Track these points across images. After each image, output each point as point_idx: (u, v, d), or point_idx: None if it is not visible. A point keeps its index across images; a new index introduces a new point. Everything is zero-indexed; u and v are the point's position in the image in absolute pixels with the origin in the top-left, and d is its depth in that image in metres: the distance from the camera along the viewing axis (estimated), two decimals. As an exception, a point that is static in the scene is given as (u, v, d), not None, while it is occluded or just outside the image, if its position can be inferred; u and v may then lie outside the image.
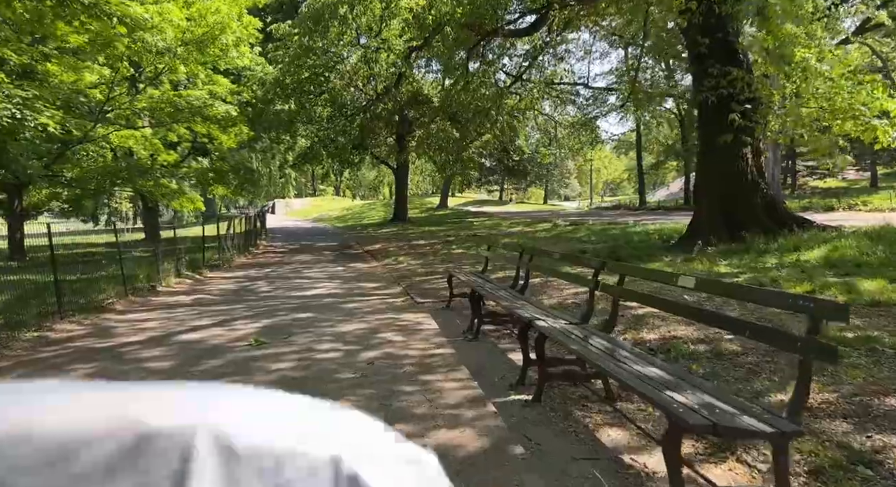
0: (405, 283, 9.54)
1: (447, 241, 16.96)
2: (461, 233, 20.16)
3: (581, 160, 39.84)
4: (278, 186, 49.46)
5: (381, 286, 9.59)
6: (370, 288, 9.29)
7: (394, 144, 27.49)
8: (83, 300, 7.71)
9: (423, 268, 11.47)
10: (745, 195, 9.86)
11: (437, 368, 4.46)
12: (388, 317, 6.69)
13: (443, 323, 6.30)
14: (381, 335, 5.73)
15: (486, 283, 6.39)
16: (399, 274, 10.84)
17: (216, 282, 10.65)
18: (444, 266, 11.52)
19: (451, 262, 12.02)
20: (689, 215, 12.34)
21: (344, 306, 7.60)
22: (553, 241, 14.09)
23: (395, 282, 9.88)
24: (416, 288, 8.94)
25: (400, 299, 8.06)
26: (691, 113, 26.16)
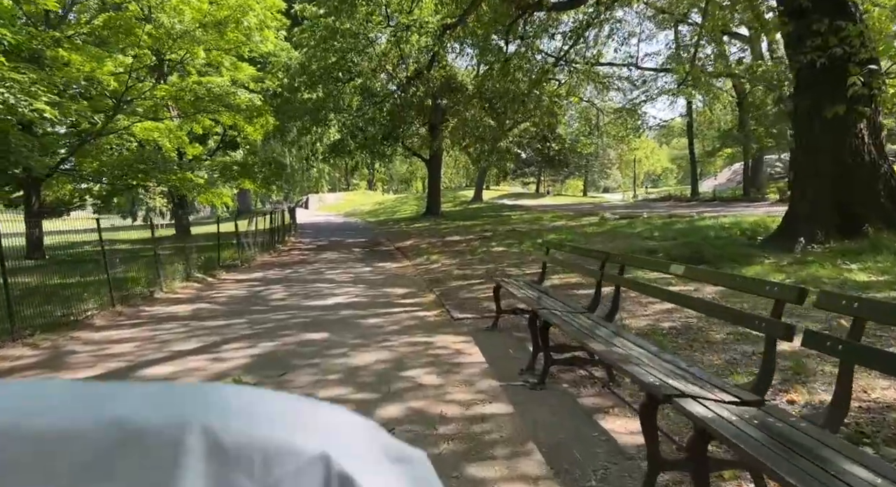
0: (439, 290, 7.95)
1: (484, 237, 15.29)
2: (499, 227, 18.44)
3: (624, 149, 37.32)
4: (312, 181, 48.74)
5: (411, 292, 8.03)
6: (398, 296, 7.74)
7: (426, 135, 25.95)
8: (61, 311, 6.45)
9: (459, 270, 9.86)
10: (862, 180, 7.81)
11: (490, 447, 2.84)
12: (418, 341, 5.11)
13: (491, 352, 4.67)
14: (409, 372, 4.15)
15: (548, 299, 4.71)
16: (432, 278, 9.26)
17: (227, 287, 9.32)
18: (483, 267, 9.88)
19: (492, 263, 10.37)
20: (755, 206, 10.25)
21: (365, 322, 6.07)
22: (607, 238, 12.23)
23: (427, 288, 8.30)
24: (452, 297, 7.33)
25: (433, 312, 6.46)
26: (754, 93, 23.61)
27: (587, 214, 20.31)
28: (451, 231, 18.95)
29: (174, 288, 8.82)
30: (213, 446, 0.32)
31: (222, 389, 0.39)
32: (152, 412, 0.34)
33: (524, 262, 9.99)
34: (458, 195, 38.64)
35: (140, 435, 0.32)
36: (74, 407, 0.34)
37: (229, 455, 0.32)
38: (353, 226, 27.13)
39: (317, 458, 0.34)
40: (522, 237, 13.92)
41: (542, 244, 5.70)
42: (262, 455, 0.33)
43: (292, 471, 0.33)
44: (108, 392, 0.37)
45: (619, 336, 3.41)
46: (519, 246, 12.43)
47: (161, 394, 0.38)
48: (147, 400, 0.36)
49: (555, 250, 5.96)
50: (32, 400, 0.35)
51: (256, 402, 0.37)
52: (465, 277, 8.91)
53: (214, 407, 0.36)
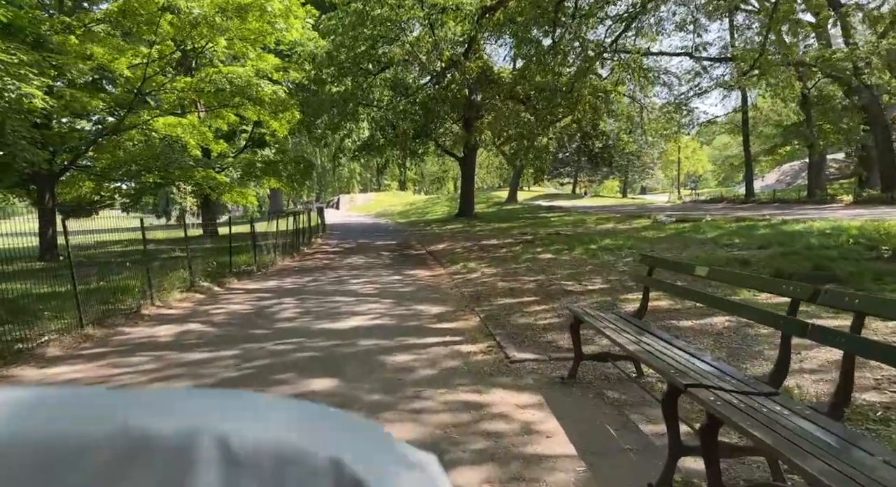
0: (483, 309, 6.25)
1: (526, 241, 13.51)
2: (539, 230, 16.62)
3: (666, 148, 34.75)
4: (343, 181, 47.76)
5: (448, 312, 6.37)
6: (432, 318, 6.08)
7: (459, 132, 24.29)
8: (16, 334, 5.05)
9: (504, 282, 8.14)
10: None
11: None
12: (464, 402, 3.44)
13: (581, 432, 2.96)
14: (457, 469, 2.49)
15: (677, 353, 2.95)
16: (472, 292, 7.58)
17: (232, 300, 7.85)
18: (533, 279, 8.13)
19: (542, 273, 8.61)
20: (829, 209, 8.16)
21: (389, 360, 4.44)
22: (675, 245, 10.29)
23: (467, 306, 6.63)
24: (501, 321, 5.63)
25: (480, 346, 4.78)
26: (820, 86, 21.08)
27: (636, 216, 18.26)
28: (487, 233, 17.24)
29: (170, 300, 7.40)
30: (224, 453, 0.32)
31: (234, 395, 0.38)
32: (163, 419, 0.33)
33: (581, 273, 8.20)
34: (491, 196, 36.84)
35: (151, 443, 0.32)
36: (84, 415, 0.33)
37: (241, 462, 0.32)
38: (382, 228, 25.71)
39: (329, 464, 0.33)
40: (571, 242, 12.09)
41: (648, 265, 3.91)
42: (274, 461, 0.32)
43: (304, 477, 0.32)
44: (118, 399, 0.36)
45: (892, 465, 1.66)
46: (569, 252, 10.62)
47: (172, 401, 0.37)
48: (158, 407, 0.35)
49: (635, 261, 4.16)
50: (41, 407, 0.34)
51: (268, 408, 0.37)
52: (513, 293, 7.19)
53: (226, 414, 0.35)
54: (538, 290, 7.13)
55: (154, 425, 0.33)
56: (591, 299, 6.22)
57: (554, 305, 6.08)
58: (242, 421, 0.34)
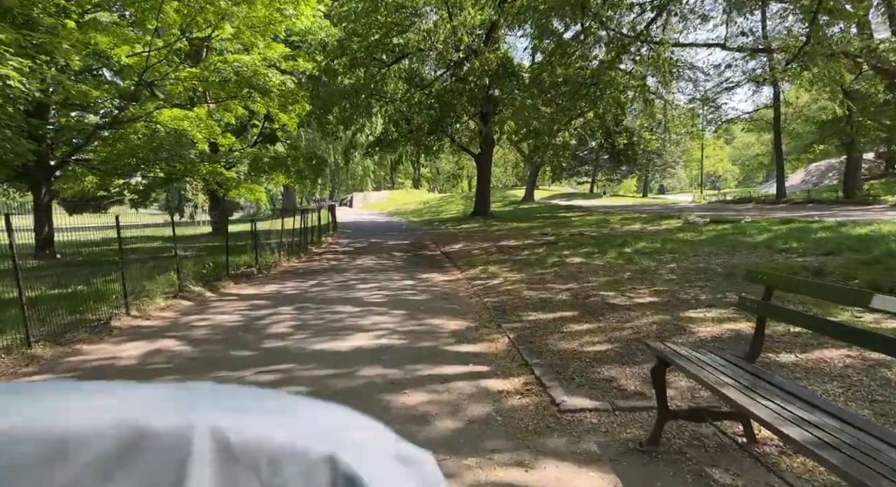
0: (511, 326, 5.14)
1: (549, 243, 12.34)
2: (561, 231, 15.42)
3: (690, 146, 33.16)
4: (356, 179, 46.87)
5: (469, 329, 5.27)
6: (451, 337, 4.99)
7: (475, 129, 23.14)
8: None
9: (531, 290, 7.01)
10: None
11: None
12: (503, 482, 2.33)
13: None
14: None
15: (852, 430, 1.80)
16: (496, 302, 6.47)
17: (221, 308, 6.83)
18: (564, 287, 6.99)
19: (574, 280, 7.46)
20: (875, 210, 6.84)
21: (397, 401, 3.36)
22: (720, 249, 9.04)
23: (492, 321, 5.52)
24: (537, 345, 4.51)
25: (515, 383, 3.67)
26: (861, 80, 19.50)
27: (664, 217, 16.95)
28: (505, 234, 16.09)
29: (150, 309, 6.40)
30: (221, 446, 0.32)
31: (231, 390, 0.38)
32: (161, 413, 0.33)
33: (620, 282, 7.03)
34: (506, 194, 35.61)
35: (149, 436, 0.32)
36: (85, 408, 0.33)
37: (237, 456, 0.32)
38: (395, 227, 24.68)
39: (324, 459, 0.33)
40: (600, 244, 10.89)
41: (757, 275, 2.71)
42: (270, 455, 0.32)
43: (299, 472, 0.32)
44: (117, 393, 0.36)
45: None
46: (601, 256, 9.44)
47: (170, 395, 0.36)
48: (156, 401, 0.35)
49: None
50: (43, 401, 0.34)
51: (265, 403, 0.36)
52: (545, 305, 6.06)
53: (223, 408, 0.35)
54: (574, 303, 5.99)
55: (152, 419, 0.32)
56: (644, 317, 5.06)
57: (600, 324, 4.94)
58: (239, 416, 0.34)
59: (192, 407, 0.35)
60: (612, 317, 5.15)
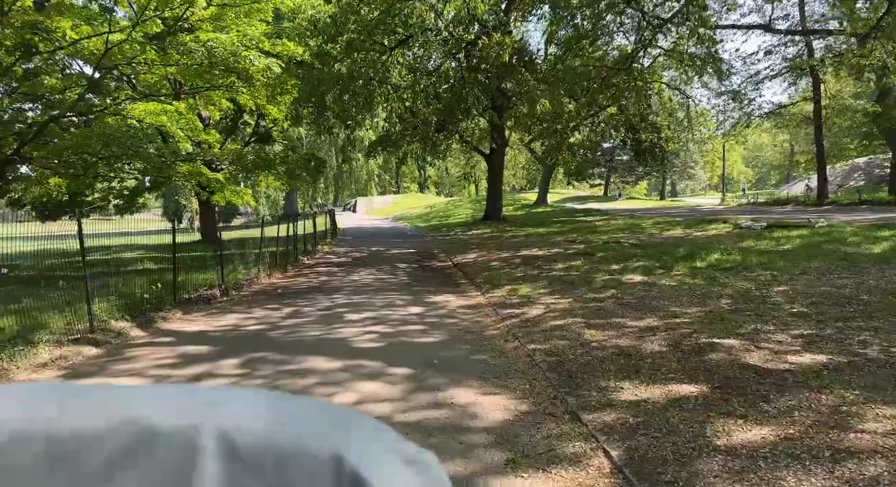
0: (601, 421, 2.80)
1: (584, 253, 9.98)
2: (590, 237, 13.06)
3: (714, 145, 30.69)
4: (360, 183, 44.68)
5: (522, 419, 2.95)
6: (494, 443, 2.65)
7: (486, 128, 20.86)
8: None
9: (594, 328, 4.67)
10: None
11: None
12: None
13: None
14: None
15: None
16: (549, 352, 4.15)
17: (135, 364, 4.53)
18: (642, 324, 4.65)
19: (650, 310, 5.12)
20: None
21: None
22: (836, 266, 6.64)
23: (557, 399, 3.20)
24: (669, 474, 2.14)
25: None
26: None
27: (705, 222, 14.54)
28: (524, 241, 13.76)
29: (20, 367, 4.09)
30: (226, 448, 0.32)
31: (236, 392, 0.38)
32: (167, 414, 0.33)
33: (722, 315, 4.66)
34: (517, 198, 33.24)
35: (154, 437, 0.32)
36: (89, 410, 0.33)
37: (242, 457, 0.31)
38: (400, 232, 22.38)
39: (329, 460, 0.32)
40: (655, 256, 8.52)
41: None
42: (275, 456, 0.32)
43: (305, 473, 0.32)
44: (122, 394, 0.36)
45: None
46: (666, 272, 7.07)
47: (175, 396, 0.36)
48: (161, 403, 0.35)
49: None
50: (47, 402, 0.34)
51: (269, 405, 0.36)
52: (634, 362, 3.71)
53: (228, 409, 0.34)
54: (683, 360, 3.64)
55: (157, 420, 0.32)
56: (854, 408, 2.70)
57: (780, 428, 2.57)
58: (244, 417, 0.34)
59: (197, 408, 0.34)
60: (782, 402, 2.80)
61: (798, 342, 3.83)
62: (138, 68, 12.49)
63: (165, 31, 11.36)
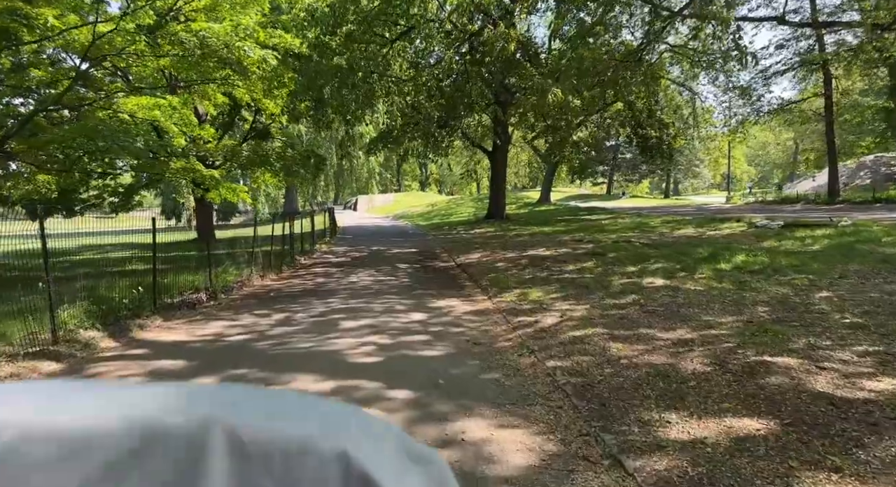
0: (657, 474, 2.20)
1: (595, 254, 9.39)
2: (598, 237, 12.48)
3: (720, 142, 30.04)
4: (361, 181, 44.06)
5: (552, 463, 2.35)
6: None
7: (488, 125, 20.27)
8: None
9: (620, 341, 4.09)
10: None
11: None
12: None
13: None
14: None
15: None
16: (573, 371, 3.57)
17: (106, 373, 3.95)
18: (677, 336, 4.07)
19: (682, 319, 4.54)
20: None
21: None
22: (879, 268, 6.05)
23: (591, 437, 2.61)
24: None
25: None
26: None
27: (717, 220, 13.94)
28: (529, 240, 13.17)
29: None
30: (234, 445, 0.31)
31: (244, 390, 0.38)
32: (175, 412, 0.33)
33: (765, 326, 4.08)
34: (519, 196, 32.62)
35: (163, 435, 0.31)
36: (99, 407, 0.33)
37: (251, 454, 0.31)
38: (401, 231, 21.79)
39: (336, 457, 0.32)
40: (672, 257, 7.93)
41: None
42: (283, 454, 0.32)
43: (312, 470, 0.32)
44: (131, 392, 0.35)
45: None
46: (689, 275, 6.48)
47: (184, 395, 0.36)
48: (170, 401, 0.35)
49: None
50: (57, 399, 0.34)
51: (277, 402, 0.36)
52: (676, 387, 3.13)
53: (236, 407, 0.34)
54: (734, 384, 3.05)
55: (166, 418, 0.32)
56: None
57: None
58: (252, 415, 0.34)
59: (206, 406, 0.34)
60: (883, 449, 2.21)
61: (867, 362, 3.24)
62: (129, 60, 11.90)
63: (158, 22, 10.77)
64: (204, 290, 6.92)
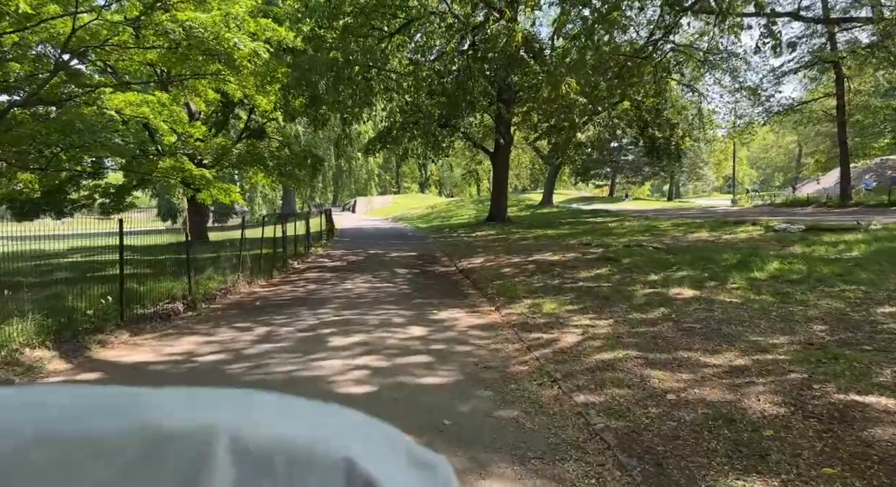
0: None
1: (607, 259, 8.69)
2: (607, 240, 11.81)
3: (726, 144, 29.35)
4: (361, 183, 43.37)
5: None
6: None
7: (490, 125, 19.61)
8: None
9: (659, 369, 3.40)
10: None
11: None
12: None
13: None
14: None
15: None
16: (611, 412, 2.87)
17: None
18: (726, 361, 3.36)
19: (727, 339, 3.84)
20: None
21: None
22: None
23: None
24: None
25: None
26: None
27: (730, 223, 13.27)
28: (534, 244, 12.49)
29: None
30: (239, 450, 0.31)
31: (248, 394, 0.38)
32: (179, 416, 0.33)
33: (831, 351, 3.40)
34: (521, 198, 31.93)
35: (168, 441, 0.31)
36: (102, 412, 0.33)
37: (255, 460, 0.31)
38: (400, 233, 21.10)
39: (341, 463, 0.32)
40: (694, 263, 7.24)
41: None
42: (287, 459, 0.32)
43: (316, 476, 0.32)
44: (135, 396, 0.35)
45: None
46: (720, 284, 5.78)
47: (188, 399, 0.36)
48: (174, 405, 0.34)
49: None
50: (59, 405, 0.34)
51: (282, 407, 0.36)
52: (740, 427, 2.44)
53: (241, 412, 0.34)
54: (827, 435, 2.36)
55: (171, 423, 0.32)
56: None
57: None
58: (257, 420, 0.33)
59: (210, 410, 0.33)
60: None
61: None
62: (113, 53, 11.21)
63: (143, 10, 10.08)
64: (181, 299, 6.21)
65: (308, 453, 0.32)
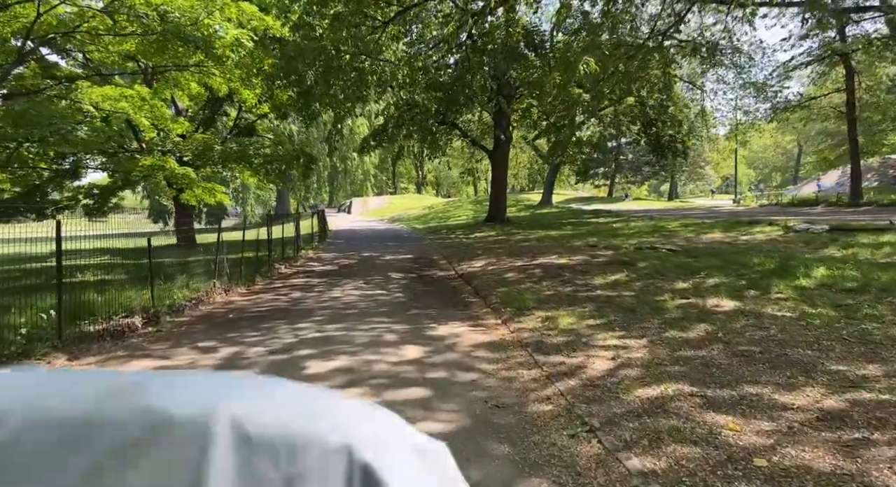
0: None
1: (623, 263, 7.85)
2: (615, 242, 10.99)
3: (728, 143, 28.60)
4: (357, 183, 42.46)
5: None
6: None
7: (488, 122, 18.80)
8: None
9: (730, 413, 2.56)
10: None
11: None
12: None
13: None
14: None
15: None
16: (668, 474, 2.01)
17: None
18: (813, 404, 2.45)
19: (799, 369, 2.97)
20: None
21: None
22: None
23: None
24: None
25: None
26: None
27: (744, 223, 12.46)
28: (537, 246, 11.64)
29: None
30: (239, 435, 0.31)
31: (249, 379, 0.38)
32: (181, 401, 0.33)
33: None
34: (519, 198, 31.09)
35: (169, 423, 0.31)
36: (104, 396, 0.33)
37: (255, 445, 0.31)
38: (396, 235, 20.22)
39: (340, 449, 0.32)
40: (723, 269, 6.40)
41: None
42: (287, 444, 0.32)
43: (316, 461, 0.32)
44: (137, 381, 0.35)
45: None
46: (760, 294, 4.95)
47: (189, 384, 0.36)
48: (176, 390, 0.34)
49: None
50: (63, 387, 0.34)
51: (282, 393, 0.36)
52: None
53: (241, 397, 0.34)
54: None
55: (174, 406, 0.32)
56: None
57: None
58: (258, 404, 0.33)
59: (211, 395, 0.33)
60: None
61: None
62: (85, 41, 10.31)
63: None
64: (141, 312, 5.33)
65: (308, 440, 0.31)
